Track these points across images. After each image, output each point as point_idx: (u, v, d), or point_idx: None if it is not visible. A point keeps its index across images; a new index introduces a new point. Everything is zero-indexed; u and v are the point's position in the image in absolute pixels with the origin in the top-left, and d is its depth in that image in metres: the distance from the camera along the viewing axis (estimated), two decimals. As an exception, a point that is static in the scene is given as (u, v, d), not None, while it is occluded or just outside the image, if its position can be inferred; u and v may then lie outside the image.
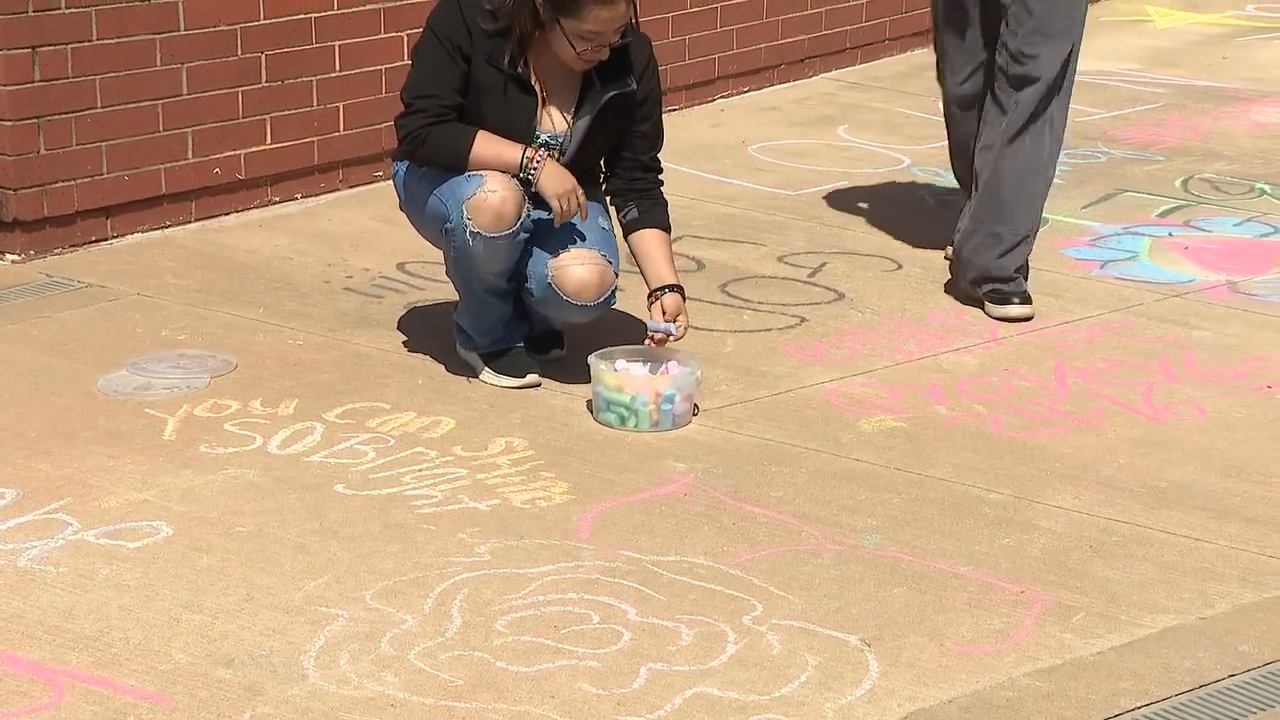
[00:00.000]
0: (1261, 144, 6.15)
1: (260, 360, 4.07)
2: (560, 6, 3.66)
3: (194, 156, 5.04)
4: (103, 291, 4.52)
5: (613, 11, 3.66)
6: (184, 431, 3.68)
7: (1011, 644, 2.91)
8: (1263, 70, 7.26)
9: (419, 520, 3.30)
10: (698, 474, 3.53)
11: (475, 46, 3.76)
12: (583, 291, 3.84)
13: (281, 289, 4.57)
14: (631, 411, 3.72)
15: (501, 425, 3.75)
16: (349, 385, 3.94)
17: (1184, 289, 4.68)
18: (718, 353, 4.14)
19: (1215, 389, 4.02)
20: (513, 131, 3.80)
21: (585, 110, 3.84)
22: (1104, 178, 5.72)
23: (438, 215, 3.83)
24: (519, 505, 3.38)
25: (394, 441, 3.65)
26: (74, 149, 4.78)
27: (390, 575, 3.08)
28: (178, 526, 3.24)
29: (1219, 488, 3.52)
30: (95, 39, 4.76)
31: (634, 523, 3.31)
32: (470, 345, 4.00)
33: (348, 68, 5.33)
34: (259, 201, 5.21)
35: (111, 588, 3.02)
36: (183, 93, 4.97)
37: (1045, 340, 4.31)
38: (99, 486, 3.40)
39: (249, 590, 3.02)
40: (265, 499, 3.37)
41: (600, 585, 3.06)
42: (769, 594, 3.05)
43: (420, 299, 4.50)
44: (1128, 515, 3.39)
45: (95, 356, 4.07)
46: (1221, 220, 5.26)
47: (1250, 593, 3.10)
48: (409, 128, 3.81)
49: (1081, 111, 6.59)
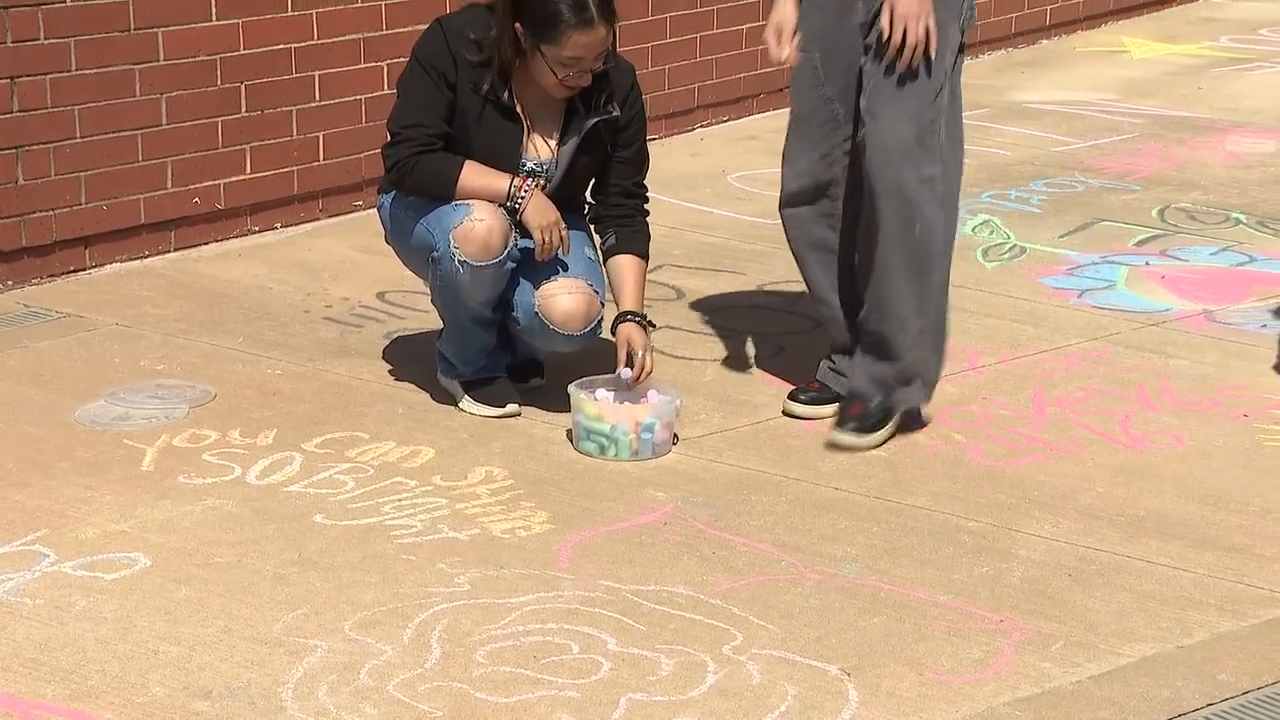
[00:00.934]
0: (1236, 174, 6.19)
1: (239, 390, 4.06)
2: (540, 34, 3.68)
3: (173, 186, 5.04)
4: (81, 321, 4.51)
5: (592, 37, 3.67)
6: (162, 462, 3.66)
7: (991, 673, 2.91)
8: (1237, 101, 7.31)
9: (398, 550, 3.29)
10: (677, 503, 3.53)
11: (460, 75, 3.77)
12: (569, 321, 3.84)
13: (261, 318, 4.56)
14: (611, 440, 3.72)
15: (481, 454, 3.75)
16: (328, 415, 3.93)
17: (1161, 318, 4.70)
18: (698, 381, 4.15)
19: (1192, 418, 4.04)
20: (498, 159, 3.81)
21: (570, 137, 3.85)
22: (1081, 207, 5.75)
23: (424, 244, 3.83)
24: (498, 535, 3.37)
25: (373, 471, 3.64)
26: (52, 179, 4.77)
27: (369, 606, 3.07)
28: (155, 558, 3.23)
29: (1196, 516, 3.53)
30: (74, 69, 4.76)
31: (614, 552, 3.31)
32: (452, 373, 3.99)
33: (327, 98, 5.34)
34: (238, 231, 5.21)
35: (88, 619, 3.00)
36: (162, 123, 4.97)
37: (1023, 369, 4.33)
38: (76, 518, 3.39)
39: (227, 622, 3.00)
40: (244, 529, 3.36)
41: (580, 615, 3.06)
42: (749, 623, 3.04)
43: (400, 328, 4.50)
44: (1106, 544, 3.39)
45: (73, 387, 4.06)
46: (1198, 249, 5.30)
47: (1228, 621, 3.11)
48: (396, 157, 3.81)
49: (1059, 141, 6.64)
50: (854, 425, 3.77)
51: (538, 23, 3.67)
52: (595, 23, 3.65)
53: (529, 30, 3.69)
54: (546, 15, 3.65)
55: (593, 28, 3.66)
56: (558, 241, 3.80)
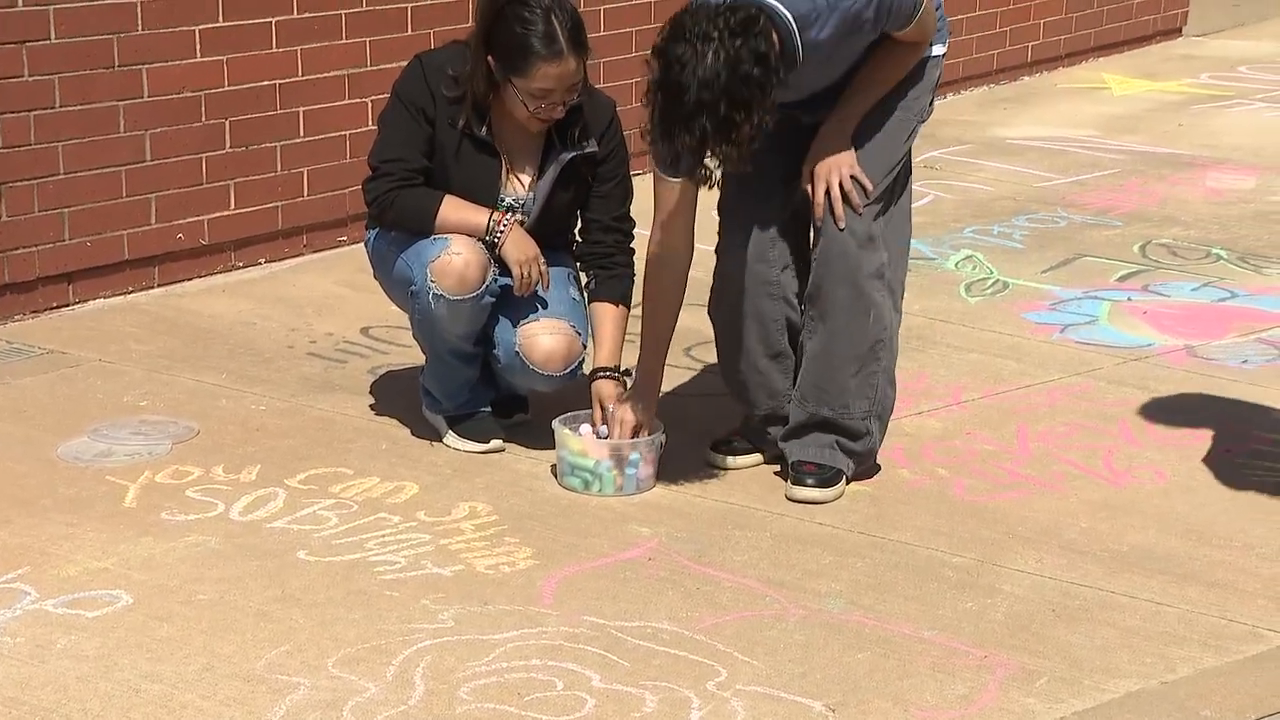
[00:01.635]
0: (1217, 210, 6.22)
1: (222, 426, 4.05)
2: (510, 65, 3.69)
3: (157, 222, 5.04)
4: (64, 358, 4.50)
5: (561, 68, 3.68)
6: (145, 498, 3.65)
7: (975, 709, 2.91)
8: (1217, 137, 7.36)
9: (382, 586, 3.28)
10: (661, 538, 3.53)
11: (438, 110, 3.78)
12: (550, 361, 3.84)
13: (244, 354, 4.55)
14: (595, 476, 3.72)
15: (465, 490, 3.74)
16: (312, 451, 3.93)
17: (1143, 353, 4.72)
18: (680, 417, 4.15)
19: (1175, 453, 4.05)
20: (477, 194, 3.82)
21: (548, 172, 3.86)
22: (1063, 242, 5.78)
23: (404, 278, 3.84)
24: (483, 571, 3.36)
25: (357, 507, 3.64)
26: (36, 215, 4.77)
27: (353, 643, 3.06)
28: (138, 595, 3.22)
29: (1180, 551, 3.53)
30: (58, 106, 4.77)
31: (598, 588, 3.30)
32: (436, 408, 3.99)
33: (311, 133, 5.35)
34: (222, 267, 5.21)
35: (69, 658, 2.98)
36: (146, 159, 4.98)
37: (1007, 404, 4.34)
38: (58, 555, 3.37)
39: (209, 659, 2.99)
40: (227, 566, 3.34)
41: (564, 651, 3.05)
42: (733, 659, 3.04)
43: (384, 363, 4.50)
44: (1090, 579, 3.40)
45: (56, 423, 4.05)
46: (1179, 285, 5.32)
47: (1212, 657, 3.11)
48: (376, 192, 3.82)
49: (1041, 177, 6.67)
50: (813, 480, 3.71)
51: (508, 54, 3.68)
52: (565, 54, 3.66)
53: (500, 62, 3.70)
54: (516, 47, 3.67)
55: (562, 59, 3.67)
56: (536, 277, 3.80)
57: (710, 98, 3.21)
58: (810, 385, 3.72)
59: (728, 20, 3.24)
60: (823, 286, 3.65)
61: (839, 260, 3.62)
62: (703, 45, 3.22)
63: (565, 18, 3.67)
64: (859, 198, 3.59)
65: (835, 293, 3.64)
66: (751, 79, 3.22)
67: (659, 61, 3.26)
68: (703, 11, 3.28)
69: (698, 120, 3.23)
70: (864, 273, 3.62)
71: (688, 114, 3.23)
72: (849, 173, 3.58)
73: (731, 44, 3.22)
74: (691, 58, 3.22)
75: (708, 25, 3.23)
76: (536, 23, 3.65)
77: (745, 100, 3.23)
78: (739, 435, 3.93)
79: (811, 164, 3.61)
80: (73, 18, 4.75)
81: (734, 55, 3.22)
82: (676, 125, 3.26)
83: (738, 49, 3.22)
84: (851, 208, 3.59)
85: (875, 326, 3.66)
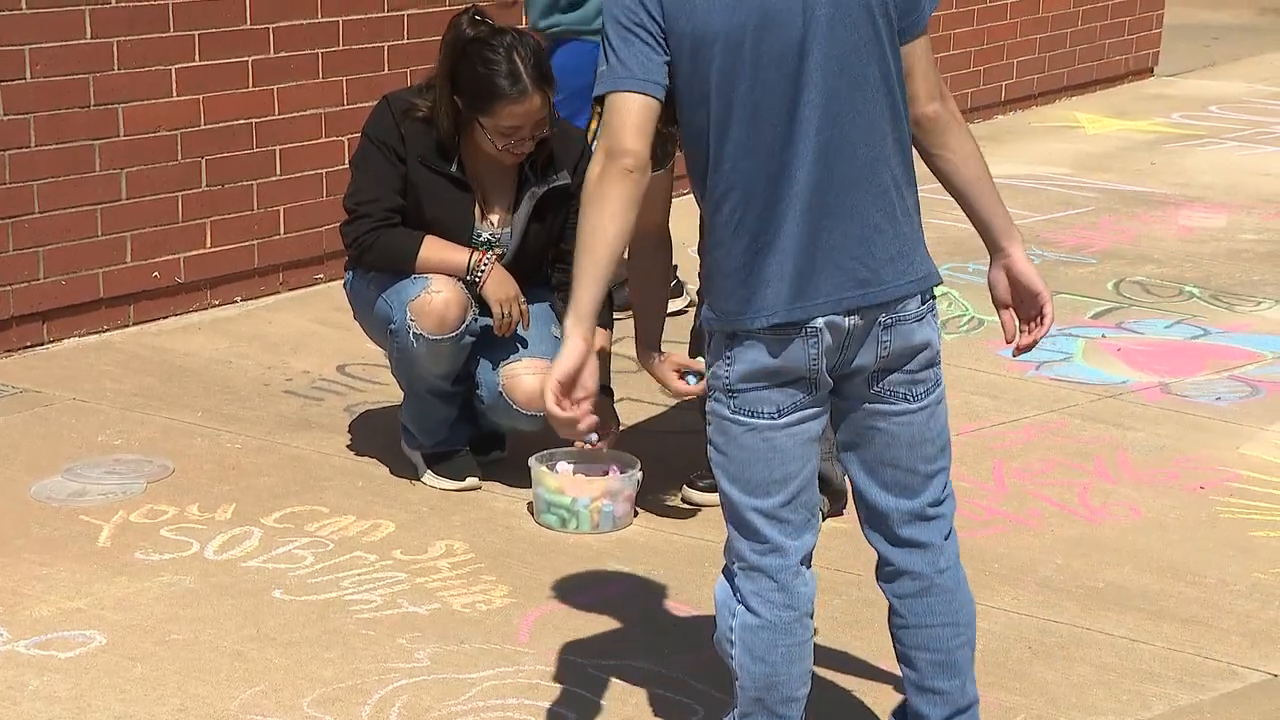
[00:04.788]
0: (1189, 248, 6.26)
1: (198, 464, 4.04)
2: (476, 106, 3.71)
3: (132, 260, 5.03)
4: (38, 396, 4.48)
5: (527, 106, 3.70)
6: (119, 538, 3.63)
7: (953, 746, 2.90)
8: (1189, 176, 7.42)
9: (358, 625, 3.27)
10: (639, 576, 3.52)
11: (409, 148, 3.79)
12: (533, 401, 3.83)
13: (220, 392, 4.54)
14: (572, 513, 3.72)
15: (442, 528, 3.73)
16: (288, 489, 3.91)
17: (1117, 390, 4.74)
18: (658, 454, 4.15)
19: (1149, 490, 4.06)
20: (451, 230, 3.83)
21: (522, 206, 3.87)
22: (1037, 280, 5.80)
23: (384, 317, 3.84)
24: (459, 609, 3.35)
25: (333, 545, 3.62)
26: (10, 254, 4.76)
27: (328, 682, 3.04)
28: (111, 635, 3.20)
29: (1155, 588, 3.54)
30: (33, 145, 4.76)
31: (575, 626, 3.29)
32: (414, 444, 3.99)
33: (288, 172, 5.35)
34: (198, 305, 5.20)
35: (41, 699, 2.96)
36: (121, 197, 4.97)
37: (983, 440, 4.35)
38: (31, 595, 3.35)
39: (183, 700, 2.97)
40: (201, 605, 3.33)
41: (541, 690, 3.04)
42: (710, 697, 3.03)
43: (360, 401, 4.49)
44: (1065, 616, 3.40)
45: (29, 462, 4.03)
46: (1153, 322, 5.35)
47: (1186, 694, 3.11)
48: (355, 234, 3.82)
49: (1016, 215, 6.66)
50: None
51: (473, 94, 3.70)
52: (529, 92, 3.68)
53: (466, 102, 3.72)
54: (480, 87, 3.68)
55: (526, 97, 3.68)
56: (517, 316, 3.81)
57: None
58: None
59: None
60: None
61: None
62: None
63: (528, 54, 3.69)
64: None
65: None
66: None
67: None
68: None
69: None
70: None
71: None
72: None
73: None
74: None
75: None
76: (500, 62, 3.67)
77: None
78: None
79: None
80: (48, 57, 4.75)
81: None
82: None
83: None
84: None
85: None
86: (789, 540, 2.50)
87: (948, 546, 2.59)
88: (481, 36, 3.70)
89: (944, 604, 2.58)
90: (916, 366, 2.49)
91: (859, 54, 2.37)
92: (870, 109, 2.39)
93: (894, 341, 2.46)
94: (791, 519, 2.50)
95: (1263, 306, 5.53)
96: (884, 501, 2.55)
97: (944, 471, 2.58)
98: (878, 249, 2.43)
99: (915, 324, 2.48)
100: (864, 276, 2.41)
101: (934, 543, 2.57)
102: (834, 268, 2.40)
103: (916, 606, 2.57)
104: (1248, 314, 5.46)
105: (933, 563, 2.57)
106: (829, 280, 2.40)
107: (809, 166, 2.37)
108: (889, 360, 2.47)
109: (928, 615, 2.58)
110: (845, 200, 2.40)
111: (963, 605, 2.60)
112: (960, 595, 2.60)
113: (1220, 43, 10.78)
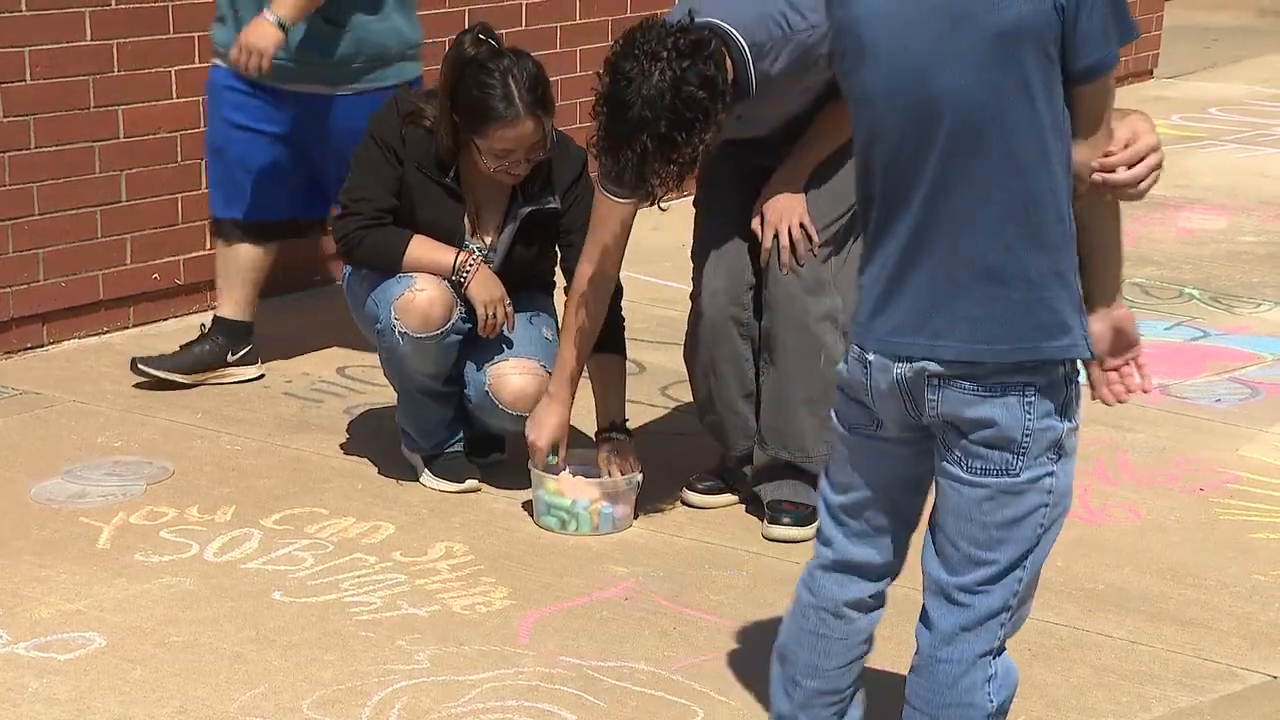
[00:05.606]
0: (1189, 250, 6.27)
1: (198, 466, 4.04)
2: (469, 125, 3.71)
3: (132, 262, 5.03)
4: (38, 398, 4.49)
5: (519, 130, 3.69)
6: (119, 540, 3.64)
7: (952, 748, 2.90)
8: (1189, 178, 7.42)
9: (357, 627, 3.27)
10: (638, 578, 3.53)
11: (408, 152, 3.80)
12: (519, 401, 3.83)
13: (219, 394, 4.54)
14: (572, 515, 3.72)
15: (441, 530, 3.73)
16: (287, 491, 3.92)
17: (1117, 392, 4.73)
18: (658, 456, 4.15)
19: (1149, 491, 4.06)
20: (442, 238, 3.83)
21: (508, 224, 3.87)
22: (1037, 282, 5.79)
23: (371, 316, 3.84)
24: (459, 611, 3.35)
25: (332, 547, 3.63)
26: (10, 255, 4.76)
27: (328, 684, 3.04)
28: (111, 637, 3.20)
29: (1154, 590, 3.54)
30: (33, 147, 4.76)
31: (574, 628, 3.29)
32: (413, 446, 3.99)
33: (288, 174, 5.34)
34: (198, 307, 5.20)
35: (41, 702, 2.96)
36: (121, 199, 4.97)
37: (982, 443, 4.34)
38: (30, 597, 3.35)
39: (183, 702, 2.97)
40: (201, 607, 3.33)
41: (540, 692, 3.04)
42: (710, 699, 3.03)
43: (360, 403, 4.49)
44: (1065, 618, 3.40)
45: (29, 464, 4.03)
46: (1153, 324, 5.35)
47: (1186, 696, 3.11)
48: (344, 230, 3.83)
49: (1014, 217, 6.70)
50: (790, 519, 3.72)
51: (469, 115, 3.70)
52: (521, 117, 3.66)
53: (462, 121, 3.72)
54: (475, 109, 3.68)
55: (519, 122, 3.67)
56: (501, 318, 3.81)
57: (652, 115, 3.20)
58: (768, 428, 3.74)
59: (678, 41, 3.24)
60: (772, 330, 3.67)
61: (785, 305, 3.63)
62: (649, 63, 3.21)
63: (524, 78, 3.67)
64: (804, 249, 3.61)
65: (783, 336, 3.65)
66: (695, 101, 3.20)
67: (607, 75, 3.26)
68: (655, 30, 3.26)
69: (639, 137, 3.22)
70: (812, 316, 3.63)
71: (630, 130, 3.22)
72: (797, 221, 3.60)
73: (678, 64, 3.21)
74: (638, 74, 3.21)
75: (657, 44, 3.23)
76: (495, 85, 3.66)
77: (688, 121, 3.20)
78: (716, 475, 3.93)
79: (761, 208, 3.62)
80: (48, 58, 4.76)
81: (679, 76, 3.21)
82: (619, 140, 3.26)
83: (684, 70, 3.21)
84: (795, 258, 3.61)
85: (828, 369, 3.60)
86: (840, 538, 2.51)
87: (962, 643, 2.40)
88: (480, 58, 3.69)
89: (928, 691, 2.43)
90: (978, 441, 2.32)
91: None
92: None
93: (942, 406, 2.32)
94: (848, 524, 2.50)
95: (1262, 309, 5.53)
96: (927, 557, 2.47)
97: (994, 568, 2.37)
98: (959, 305, 2.28)
99: (975, 397, 2.29)
100: (916, 324, 2.31)
101: (947, 630, 2.41)
102: (906, 308, 2.32)
103: (911, 674, 2.49)
104: (1247, 316, 5.46)
105: (934, 646, 2.43)
106: (895, 318, 2.32)
107: (922, 200, 2.29)
108: (950, 419, 2.34)
109: (912, 691, 2.47)
110: (941, 244, 2.29)
111: (948, 706, 2.41)
112: (951, 696, 2.41)
113: (1220, 44, 10.78)
